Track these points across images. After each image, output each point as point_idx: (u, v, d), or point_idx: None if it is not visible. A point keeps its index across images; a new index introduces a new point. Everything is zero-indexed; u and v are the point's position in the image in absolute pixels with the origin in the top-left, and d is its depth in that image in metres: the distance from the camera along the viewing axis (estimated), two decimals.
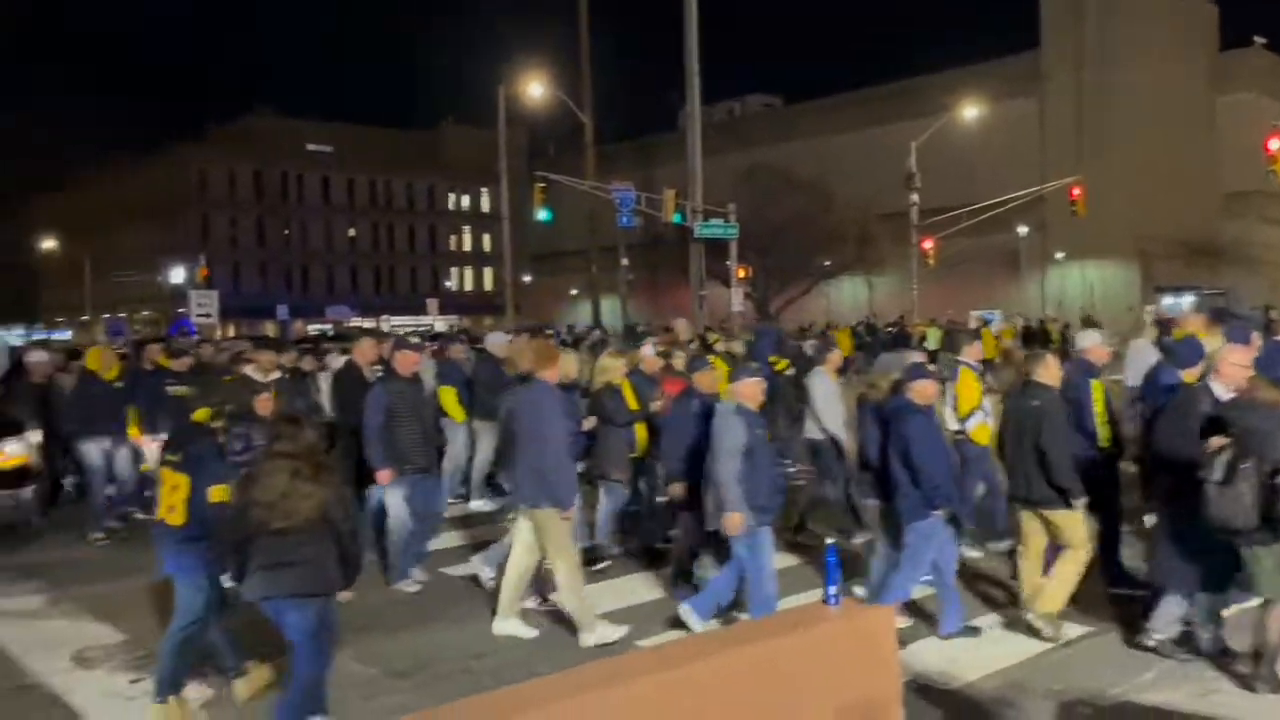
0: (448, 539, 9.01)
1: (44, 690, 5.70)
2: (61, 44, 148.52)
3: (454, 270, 79.67)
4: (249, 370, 8.38)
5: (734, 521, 5.99)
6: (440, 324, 56.98)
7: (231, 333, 45.47)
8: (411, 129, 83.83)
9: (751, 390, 6.29)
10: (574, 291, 66.47)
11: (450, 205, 79.29)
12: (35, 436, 9.43)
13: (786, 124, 66.91)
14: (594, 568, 7.61)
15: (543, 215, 28.80)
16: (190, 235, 66.12)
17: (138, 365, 10.45)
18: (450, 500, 10.18)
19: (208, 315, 26.63)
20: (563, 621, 6.78)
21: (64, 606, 7.36)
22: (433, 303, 48.56)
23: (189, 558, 5.15)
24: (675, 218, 27.51)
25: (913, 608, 6.58)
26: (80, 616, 7.11)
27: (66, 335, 68.12)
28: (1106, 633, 6.21)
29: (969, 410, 7.88)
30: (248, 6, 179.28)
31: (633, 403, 8.23)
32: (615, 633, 6.32)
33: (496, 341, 11.20)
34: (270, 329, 58.41)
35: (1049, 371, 6.42)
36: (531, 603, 6.94)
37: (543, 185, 28.77)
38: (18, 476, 8.74)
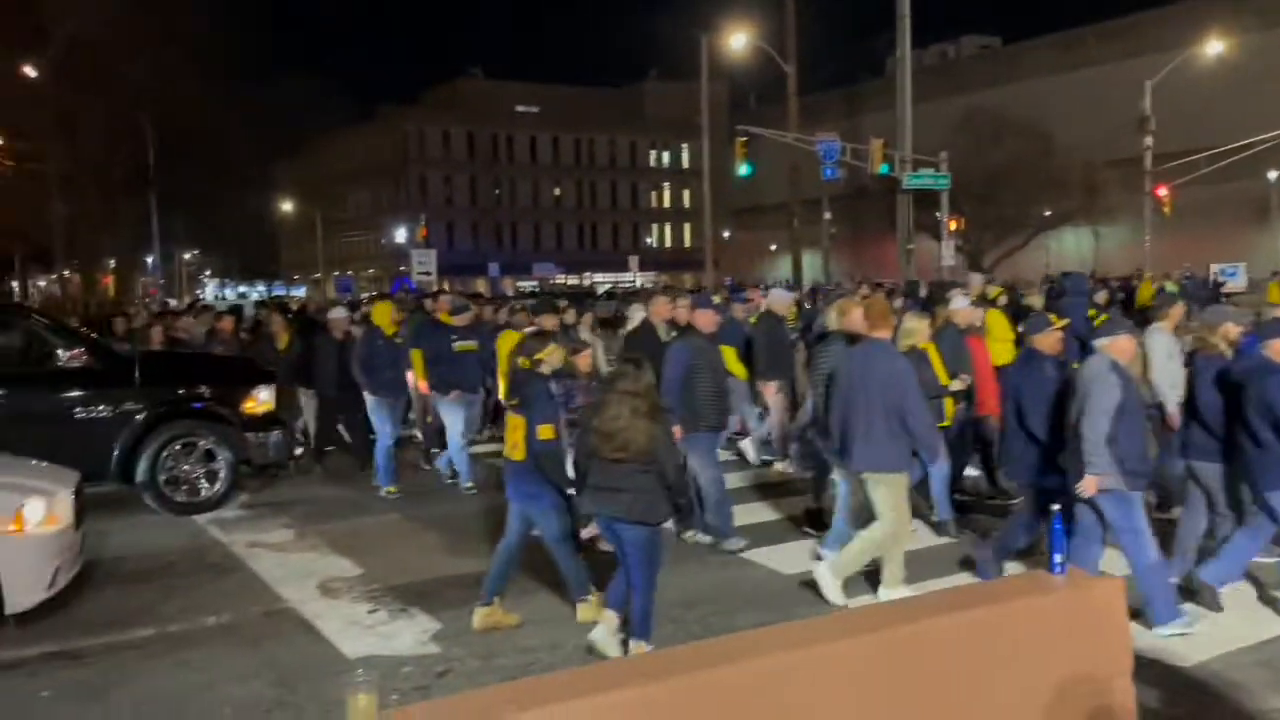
0: None
1: (296, 615, 6.26)
2: (289, 18, 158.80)
3: (654, 227, 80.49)
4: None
5: (1090, 485, 5.59)
6: (641, 280, 57.91)
7: (446, 288, 47.89)
8: (614, 86, 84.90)
9: (1126, 346, 5.89)
10: (774, 247, 65.78)
11: (651, 162, 79.98)
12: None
13: (1005, 65, 63.07)
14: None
15: (743, 170, 28.57)
16: (409, 196, 69.92)
17: (423, 320, 10.70)
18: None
19: (427, 273, 28.08)
20: (768, 572, 6.83)
21: (309, 540, 8.05)
22: (633, 259, 49.25)
23: (532, 486, 5.77)
24: (882, 169, 26.64)
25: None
26: (324, 550, 7.75)
27: (301, 292, 73.81)
28: None
29: None
30: None
31: (942, 375, 7.58)
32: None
33: (781, 299, 10.97)
34: (481, 286, 61.07)
35: None
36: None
37: (744, 139, 28.51)
38: (268, 421, 9.57)
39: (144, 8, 28.10)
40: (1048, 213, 46.56)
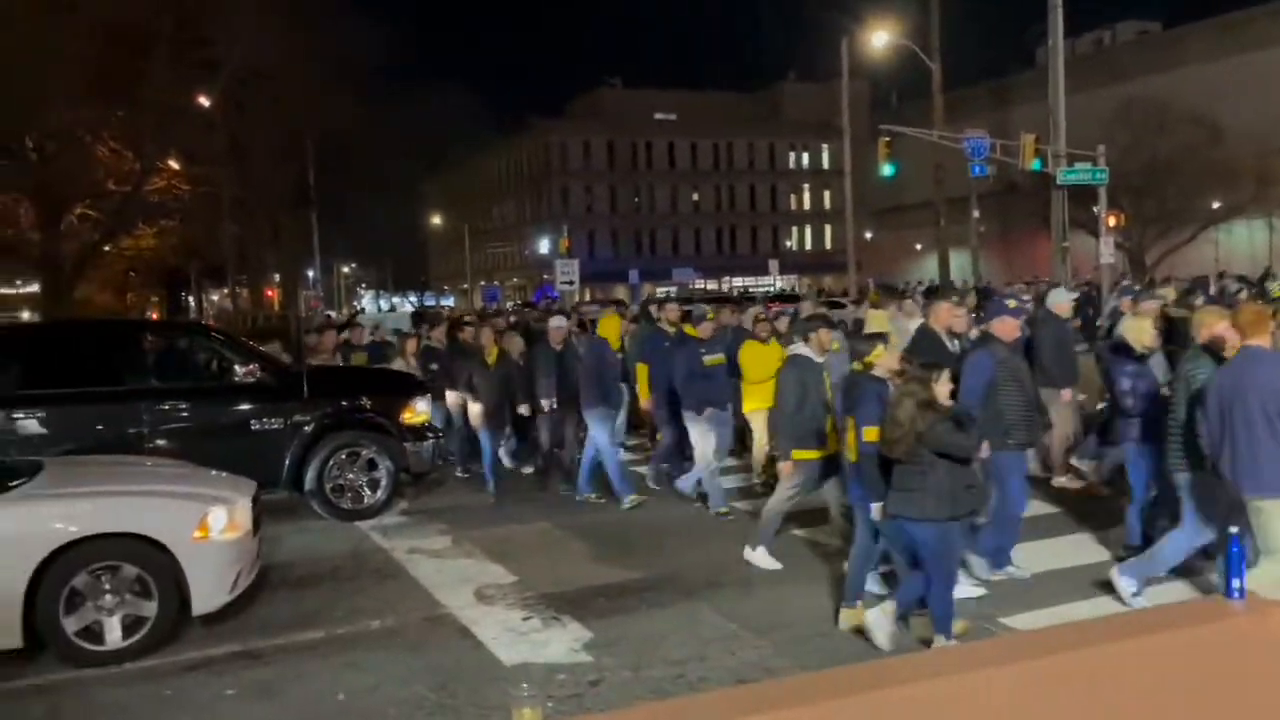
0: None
1: (454, 621, 6.51)
2: (435, 35, 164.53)
3: (794, 229, 79.76)
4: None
5: None
6: (781, 284, 57.45)
7: (587, 297, 48.68)
8: (752, 90, 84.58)
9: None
10: (918, 246, 64.13)
11: (790, 164, 79.30)
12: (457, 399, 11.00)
13: (1165, 51, 59.59)
14: None
15: (887, 170, 28.02)
16: (551, 206, 71.48)
17: (651, 333, 10.41)
18: None
19: (570, 283, 28.60)
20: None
21: (465, 547, 8.34)
22: (774, 263, 48.89)
23: (861, 488, 6.08)
24: (1034, 164, 25.65)
25: None
26: (479, 557, 8.02)
27: (450, 301, 76.44)
28: None
29: None
30: None
31: None
32: None
33: (1059, 301, 10.05)
34: (621, 293, 61.82)
35: None
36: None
37: (888, 139, 27.95)
38: (424, 431, 9.97)
39: (304, 34, 29.70)
40: (1216, 205, 43.77)
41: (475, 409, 10.36)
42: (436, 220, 77.46)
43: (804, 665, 5.54)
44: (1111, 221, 27.74)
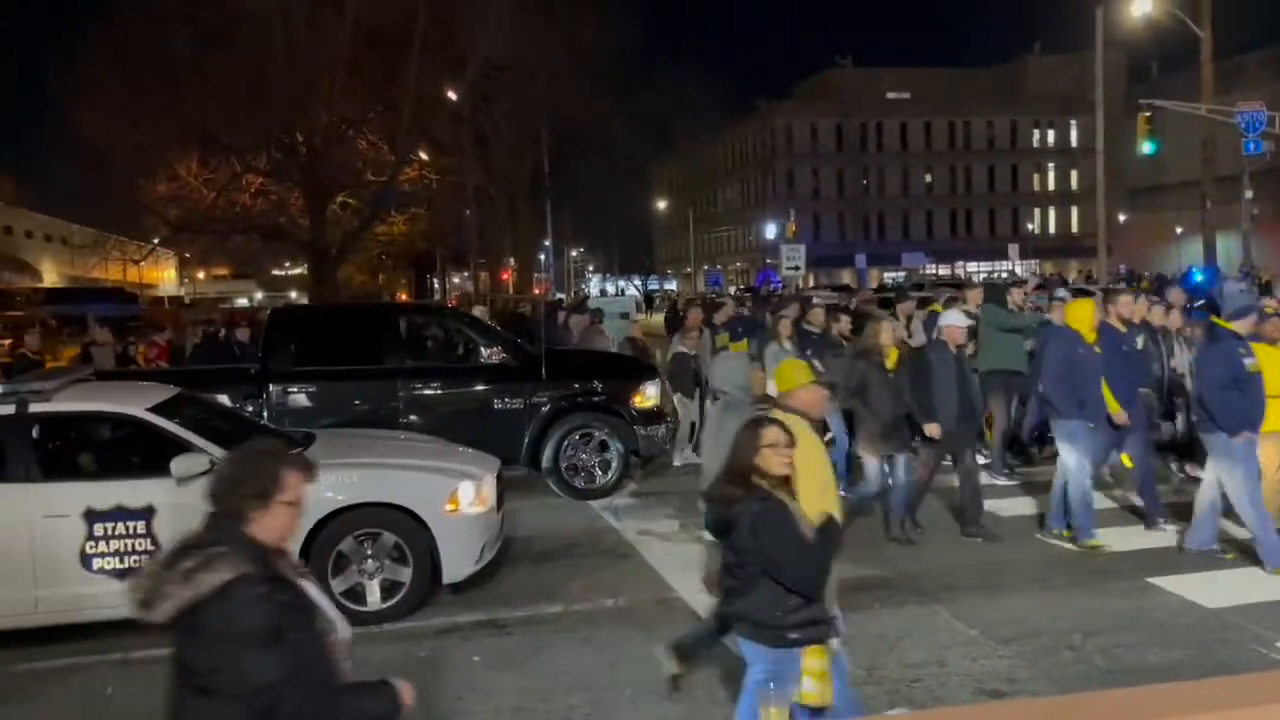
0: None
1: (685, 606, 6.58)
2: (668, 23, 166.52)
3: (1035, 211, 75.27)
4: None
5: None
6: (1021, 269, 54.41)
7: (811, 283, 48.03)
8: (991, 65, 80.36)
9: None
10: (1179, 230, 59.00)
11: (1034, 142, 74.79)
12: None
13: None
14: None
15: (1147, 148, 25.92)
16: (776, 189, 70.90)
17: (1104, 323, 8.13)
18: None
19: (796, 268, 28.33)
20: (1183, 602, 6.18)
21: (692, 533, 8.38)
22: (1014, 248, 46.29)
23: None
24: None
25: None
26: (704, 544, 8.05)
27: (673, 285, 77.55)
28: None
29: None
30: None
31: None
32: None
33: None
34: (848, 278, 60.58)
35: None
36: None
37: (1148, 114, 25.82)
38: (654, 415, 10.15)
39: (545, 28, 30.88)
40: None
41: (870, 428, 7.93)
42: (661, 205, 78.60)
43: (1050, 676, 5.24)
44: None
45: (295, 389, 9.32)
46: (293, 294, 59.94)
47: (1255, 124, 24.11)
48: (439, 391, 9.65)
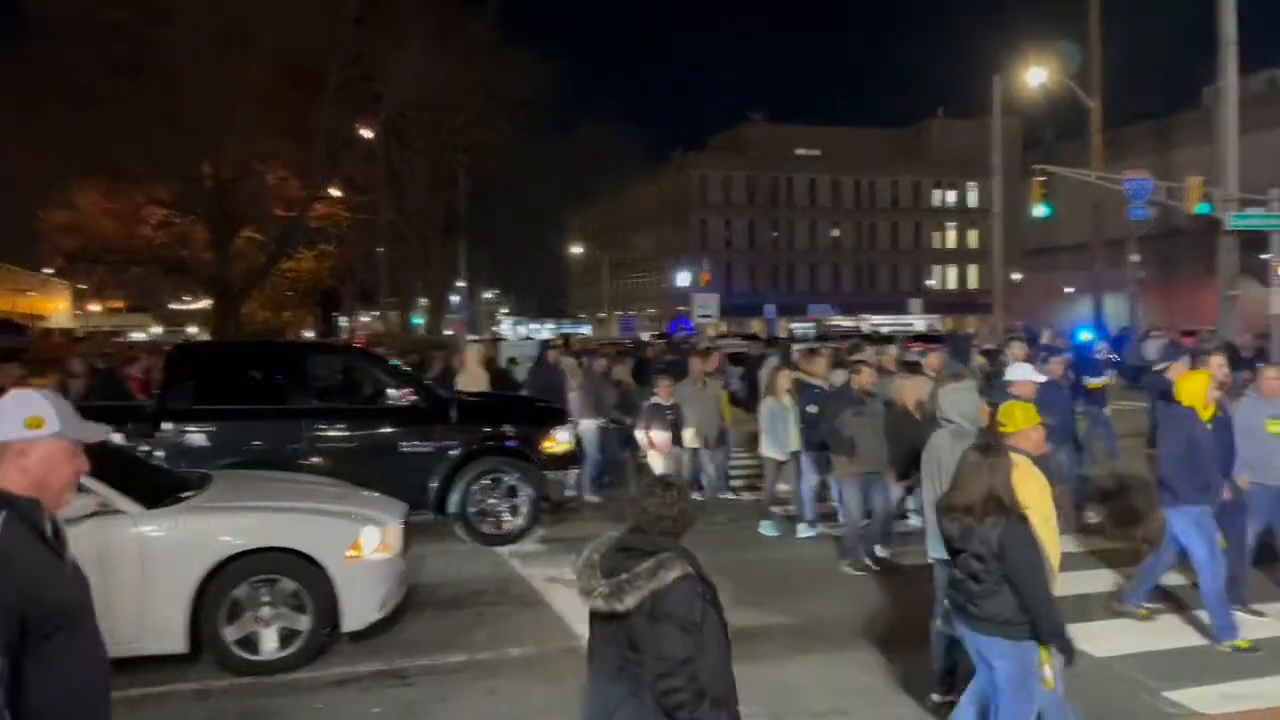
0: None
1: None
2: (586, 71, 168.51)
3: (936, 269, 77.94)
4: None
5: None
6: (920, 324, 56.09)
7: (723, 330, 48.61)
8: (897, 126, 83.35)
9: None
10: (1069, 290, 61.64)
11: (935, 202, 77.70)
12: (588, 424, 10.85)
13: None
14: None
15: (1041, 211, 27.00)
16: (690, 239, 71.89)
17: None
18: None
19: (708, 316, 28.65)
20: None
21: None
22: (915, 302, 47.85)
23: None
24: (1201, 208, 24.28)
25: None
26: None
27: (586, 330, 77.64)
28: None
29: None
30: (745, 24, 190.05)
31: None
32: None
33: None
34: (757, 326, 61.51)
35: None
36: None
37: (1042, 179, 26.99)
38: (567, 460, 10.09)
39: (463, 70, 30.91)
40: None
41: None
42: (578, 250, 78.91)
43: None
44: None
45: (193, 428, 9.01)
46: (193, 329, 58.17)
47: (1141, 191, 25.36)
48: (344, 433, 9.43)
